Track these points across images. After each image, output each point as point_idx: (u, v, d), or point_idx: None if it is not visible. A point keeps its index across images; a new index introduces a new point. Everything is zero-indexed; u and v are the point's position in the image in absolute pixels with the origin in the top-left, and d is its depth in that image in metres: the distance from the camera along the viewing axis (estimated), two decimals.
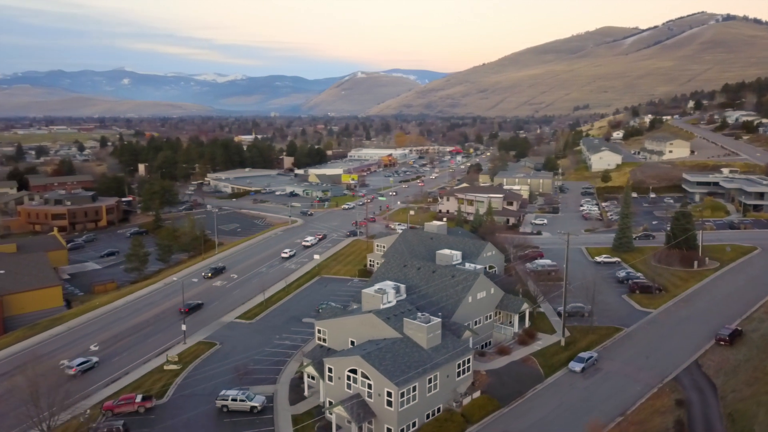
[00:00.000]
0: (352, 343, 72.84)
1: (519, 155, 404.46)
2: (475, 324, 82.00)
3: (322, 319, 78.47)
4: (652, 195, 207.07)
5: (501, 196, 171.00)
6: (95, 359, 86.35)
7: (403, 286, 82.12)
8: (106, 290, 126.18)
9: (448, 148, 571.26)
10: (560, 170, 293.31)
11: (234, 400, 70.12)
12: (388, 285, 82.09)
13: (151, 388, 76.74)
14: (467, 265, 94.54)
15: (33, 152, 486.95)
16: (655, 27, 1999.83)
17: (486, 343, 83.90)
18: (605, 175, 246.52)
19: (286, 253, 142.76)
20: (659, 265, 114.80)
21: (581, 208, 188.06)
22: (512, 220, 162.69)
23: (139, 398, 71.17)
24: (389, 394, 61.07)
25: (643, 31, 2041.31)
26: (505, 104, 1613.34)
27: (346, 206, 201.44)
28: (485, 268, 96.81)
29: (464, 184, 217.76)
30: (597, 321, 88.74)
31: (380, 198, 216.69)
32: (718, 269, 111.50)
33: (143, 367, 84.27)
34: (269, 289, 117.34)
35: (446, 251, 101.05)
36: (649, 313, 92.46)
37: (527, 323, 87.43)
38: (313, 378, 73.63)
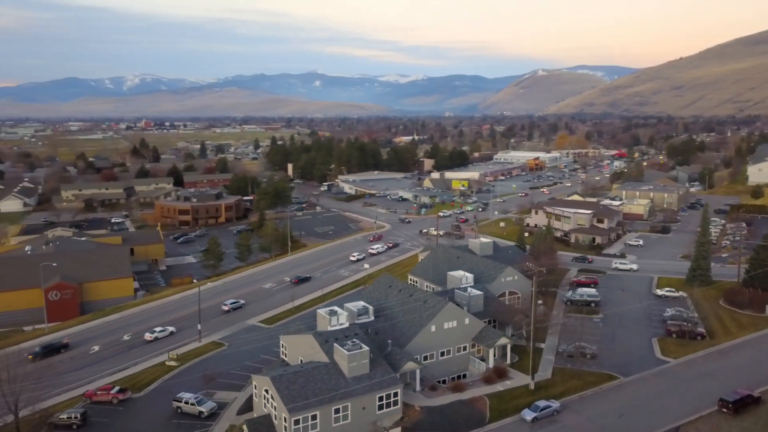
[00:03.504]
0: (301, 361, 73.64)
1: (682, 162, 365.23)
2: (442, 355, 77.86)
3: (286, 334, 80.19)
4: None
5: (589, 212, 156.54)
6: (242, 301, 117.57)
7: (371, 308, 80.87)
8: (182, 283, 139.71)
9: (611, 152, 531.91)
10: (699, 182, 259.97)
11: (186, 403, 74.79)
12: (357, 305, 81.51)
13: (140, 381, 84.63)
14: (469, 290, 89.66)
15: (214, 150, 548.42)
16: None
17: (458, 376, 79.04)
18: (756, 191, 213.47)
19: (354, 257, 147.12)
20: (726, 306, 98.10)
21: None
22: (599, 240, 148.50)
23: (115, 390, 79.06)
24: (286, 420, 61.11)
25: None
26: (703, 102, 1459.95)
27: (442, 214, 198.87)
28: (486, 293, 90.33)
29: (575, 196, 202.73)
30: (597, 365, 79.12)
31: (468, 209, 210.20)
32: None
33: (150, 360, 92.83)
34: (309, 295, 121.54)
35: (458, 273, 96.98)
36: (667, 362, 79.82)
37: (509, 359, 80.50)
38: None
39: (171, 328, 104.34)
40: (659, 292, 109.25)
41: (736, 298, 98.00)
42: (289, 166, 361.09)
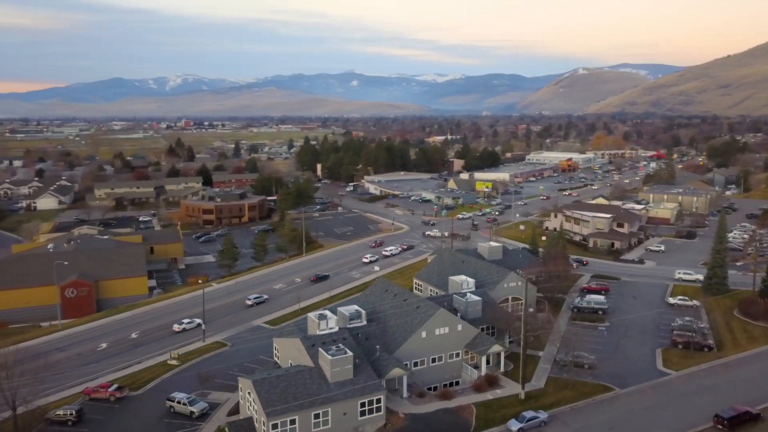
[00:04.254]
0: (291, 364, 73.88)
1: (721, 164, 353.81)
2: (434, 361, 76.96)
3: (280, 337, 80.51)
4: None
5: (608, 216, 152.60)
6: (266, 296, 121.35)
7: (364, 312, 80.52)
8: (197, 282, 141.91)
9: (649, 153, 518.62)
10: (736, 184, 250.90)
11: (179, 402, 75.79)
12: (350, 309, 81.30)
13: (140, 379, 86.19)
14: (468, 295, 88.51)
15: (248, 149, 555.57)
16: None
17: (451, 384, 78.00)
18: None
19: (367, 258, 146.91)
20: (740, 317, 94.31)
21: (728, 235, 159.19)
22: (618, 245, 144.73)
23: (112, 388, 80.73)
24: (264, 423, 61.32)
25: None
26: (752, 101, 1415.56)
27: (461, 216, 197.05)
28: (486, 298, 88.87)
29: (599, 199, 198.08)
30: (594, 376, 77.02)
31: (487, 211, 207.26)
32: None
33: (153, 359, 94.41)
34: (317, 297, 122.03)
35: (459, 277, 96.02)
36: (668, 374, 77.15)
37: (503, 367, 79.05)
38: None
39: (198, 320, 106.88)
40: (672, 300, 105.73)
41: (751, 308, 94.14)
42: (318, 166, 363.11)
